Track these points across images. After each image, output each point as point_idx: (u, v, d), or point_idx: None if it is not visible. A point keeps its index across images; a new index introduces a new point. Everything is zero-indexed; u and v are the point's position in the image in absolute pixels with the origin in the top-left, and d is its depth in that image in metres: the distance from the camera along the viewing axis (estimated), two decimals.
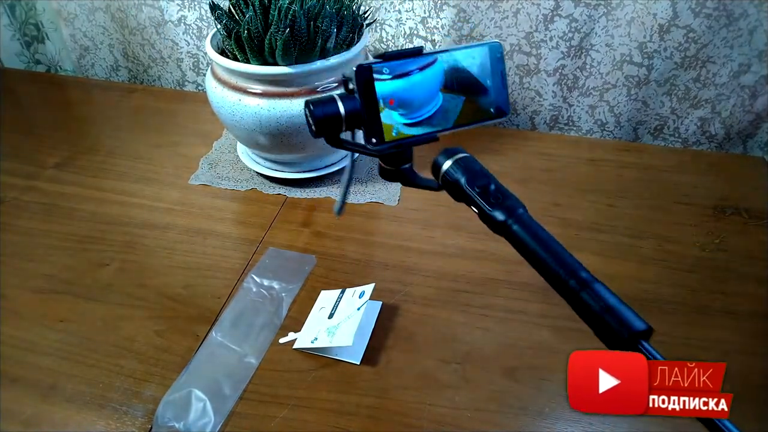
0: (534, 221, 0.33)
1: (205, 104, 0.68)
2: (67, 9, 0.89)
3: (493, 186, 0.33)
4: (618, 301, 0.30)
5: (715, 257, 0.61)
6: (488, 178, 0.34)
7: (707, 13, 0.69)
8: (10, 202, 0.67)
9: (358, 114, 0.35)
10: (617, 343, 0.29)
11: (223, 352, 0.49)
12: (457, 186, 0.34)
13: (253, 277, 0.56)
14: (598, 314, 0.30)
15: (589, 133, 0.84)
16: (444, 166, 0.35)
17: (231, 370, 0.48)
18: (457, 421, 0.45)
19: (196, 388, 0.46)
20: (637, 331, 0.29)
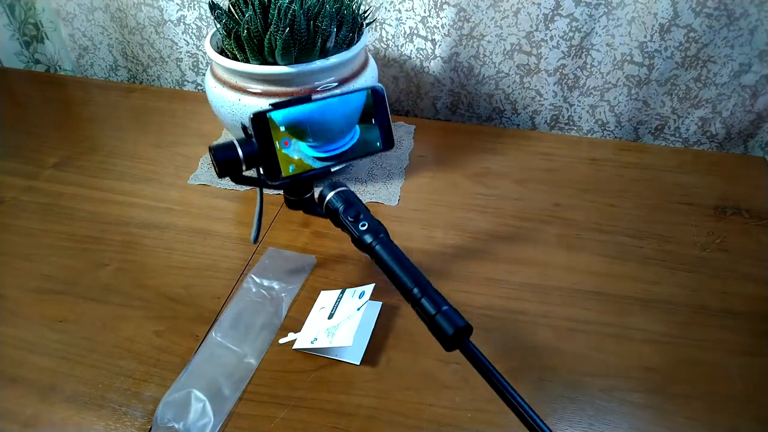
0: (392, 243, 0.39)
1: (205, 104, 0.68)
2: (66, 9, 0.89)
3: (362, 215, 0.40)
4: (450, 307, 0.36)
5: (715, 257, 0.61)
6: (359, 209, 0.41)
7: (708, 12, 0.69)
8: (10, 202, 0.66)
9: (256, 155, 0.41)
10: (446, 340, 0.35)
11: (223, 352, 0.49)
12: (336, 214, 0.41)
13: (252, 277, 0.56)
14: (432, 316, 0.35)
15: (590, 132, 0.84)
16: (327, 197, 0.42)
17: (231, 370, 0.48)
18: (457, 421, 0.45)
19: (196, 388, 0.46)
20: (460, 327, 0.35)
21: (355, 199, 0.42)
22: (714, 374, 0.49)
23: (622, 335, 0.52)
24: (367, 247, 0.39)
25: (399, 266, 0.38)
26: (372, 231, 0.39)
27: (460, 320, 0.35)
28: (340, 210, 0.41)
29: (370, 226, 0.40)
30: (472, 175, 0.72)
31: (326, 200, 0.42)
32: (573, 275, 0.58)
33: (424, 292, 0.36)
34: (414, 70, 0.83)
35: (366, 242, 0.39)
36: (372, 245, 0.39)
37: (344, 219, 0.40)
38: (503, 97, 0.83)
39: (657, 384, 0.48)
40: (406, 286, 0.37)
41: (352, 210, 0.41)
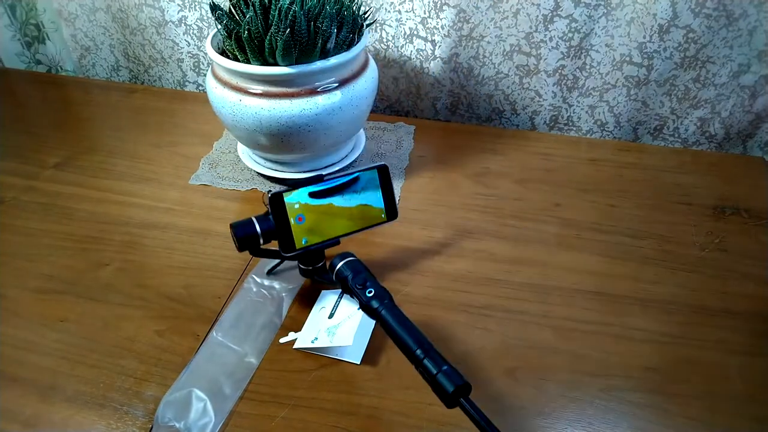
0: (396, 308, 0.43)
1: (206, 104, 0.68)
2: (67, 9, 0.89)
3: (369, 283, 0.44)
4: (450, 367, 0.38)
5: (715, 257, 0.61)
6: (366, 277, 0.45)
7: (707, 13, 0.69)
8: (10, 202, 0.67)
9: (273, 231, 0.47)
10: (446, 397, 0.37)
11: (224, 351, 0.49)
12: (346, 282, 0.45)
13: (253, 277, 0.56)
14: (434, 375, 0.38)
15: (589, 133, 0.84)
16: (337, 266, 0.46)
17: (231, 369, 0.48)
18: (457, 421, 0.45)
19: (197, 387, 0.46)
20: (459, 385, 0.37)
21: (362, 267, 0.46)
22: (714, 374, 0.49)
23: (622, 335, 0.52)
24: (373, 311, 0.43)
25: (403, 329, 0.41)
26: (378, 297, 0.43)
27: (458, 379, 0.37)
28: (349, 278, 0.45)
29: (376, 292, 0.43)
30: (472, 175, 0.73)
31: (336, 269, 0.46)
32: (573, 275, 0.58)
33: (427, 353, 0.39)
34: (414, 70, 0.83)
35: (373, 307, 0.42)
36: (378, 310, 0.42)
37: (353, 286, 0.44)
38: (503, 97, 0.83)
39: (657, 384, 0.48)
40: (410, 348, 0.39)
41: (360, 278, 0.45)
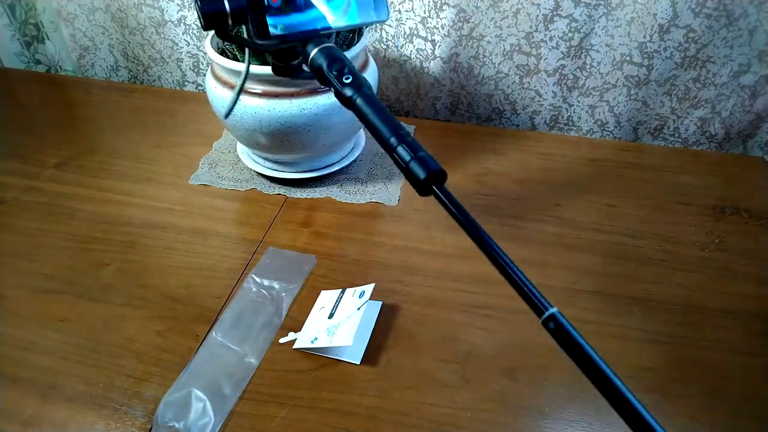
0: (375, 98, 0.38)
1: (205, 104, 0.68)
2: (67, 9, 0.89)
3: (347, 69, 0.39)
4: (426, 153, 0.35)
5: (715, 257, 0.61)
6: (344, 63, 0.39)
7: (707, 13, 0.69)
8: (11, 202, 0.67)
9: (243, 11, 0.39)
10: (419, 184, 0.34)
11: (224, 352, 0.49)
12: (320, 70, 0.39)
13: (253, 277, 0.56)
14: (407, 163, 0.35)
15: (589, 133, 0.84)
16: (311, 53, 0.40)
17: (231, 370, 0.48)
18: (457, 421, 0.45)
19: (197, 388, 0.46)
20: (434, 171, 0.34)
21: (340, 54, 0.40)
22: (714, 374, 0.49)
23: (622, 335, 0.52)
24: (347, 100, 0.38)
25: (379, 117, 0.36)
26: (354, 85, 0.38)
27: (434, 164, 0.34)
28: (324, 66, 0.39)
29: (354, 80, 0.38)
30: (472, 175, 0.73)
31: (310, 57, 0.41)
32: (573, 275, 0.58)
33: (401, 140, 0.35)
34: (414, 70, 0.83)
35: (346, 95, 0.38)
36: (353, 98, 0.38)
37: (328, 74, 0.39)
38: (503, 97, 0.83)
39: (656, 384, 0.48)
40: (383, 136, 0.36)
41: (337, 64, 0.39)
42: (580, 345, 0.29)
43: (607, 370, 0.28)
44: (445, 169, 0.35)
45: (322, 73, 0.40)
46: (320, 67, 0.39)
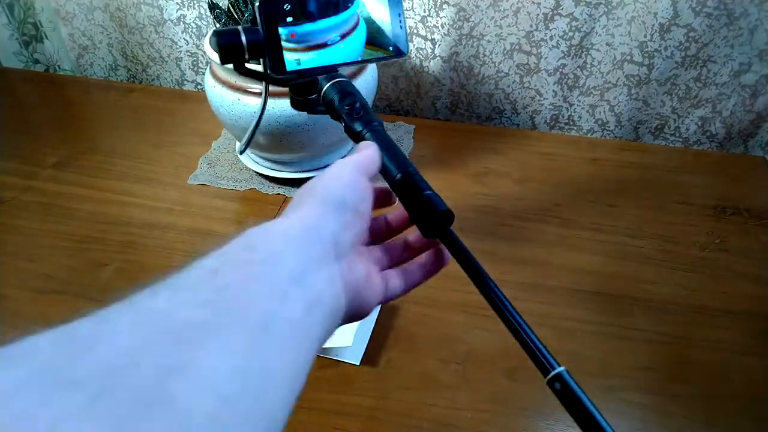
0: (384, 133, 0.37)
1: (204, 103, 0.67)
2: (65, 8, 0.89)
3: (358, 104, 0.38)
4: (433, 192, 0.34)
5: (715, 257, 0.61)
6: (356, 98, 0.39)
7: (708, 12, 0.69)
8: (10, 202, 0.66)
9: (260, 45, 0.39)
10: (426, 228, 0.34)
11: None
12: (332, 104, 0.39)
13: None
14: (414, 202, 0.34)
15: (590, 132, 0.84)
16: (324, 88, 0.40)
17: None
18: (457, 421, 0.45)
19: None
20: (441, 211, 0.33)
21: (352, 89, 0.40)
22: (714, 374, 0.49)
23: (622, 335, 0.52)
24: (356, 135, 0.37)
25: (386, 153, 0.35)
26: (364, 120, 0.37)
27: (442, 205, 0.34)
28: (336, 100, 0.39)
29: (364, 115, 0.38)
30: (472, 175, 0.72)
31: (323, 91, 0.40)
32: (573, 275, 0.58)
33: (410, 177, 0.34)
34: (414, 69, 0.83)
35: (356, 130, 0.37)
36: (362, 133, 0.37)
37: (339, 108, 0.39)
38: (503, 96, 0.83)
39: (657, 384, 0.48)
40: (391, 173, 0.35)
41: (348, 99, 0.39)
42: (588, 410, 0.26)
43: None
44: (453, 211, 0.34)
45: (333, 108, 0.39)
46: (332, 101, 0.39)
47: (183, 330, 0.17)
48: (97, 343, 0.16)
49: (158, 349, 0.16)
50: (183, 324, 0.18)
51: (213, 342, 0.17)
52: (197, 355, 0.17)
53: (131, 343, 0.16)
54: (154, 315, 0.18)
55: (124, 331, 0.17)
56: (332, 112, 0.40)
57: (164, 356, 0.16)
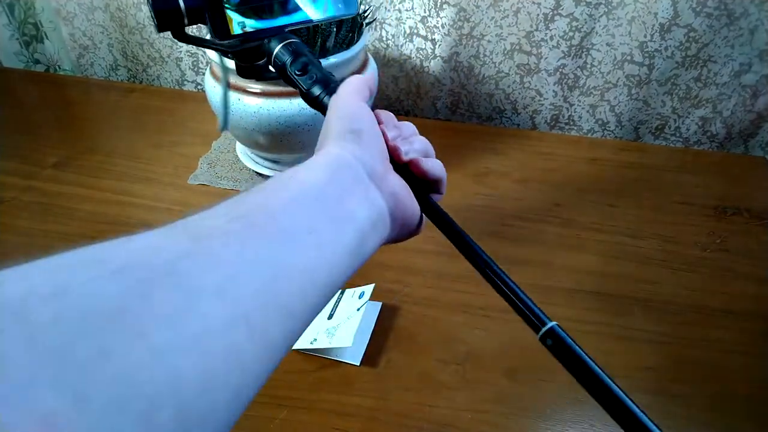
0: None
1: (205, 104, 0.67)
2: (66, 8, 0.89)
3: (311, 67, 0.36)
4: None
5: (716, 257, 0.61)
6: (309, 60, 0.36)
7: (708, 12, 0.69)
8: (10, 202, 0.66)
9: (200, 8, 0.36)
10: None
11: None
12: (284, 69, 0.36)
13: None
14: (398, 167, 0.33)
15: (590, 132, 0.84)
16: (274, 51, 0.37)
17: None
18: (458, 422, 0.45)
19: None
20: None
21: (305, 50, 0.37)
22: (715, 374, 0.49)
23: (622, 335, 0.52)
24: (314, 100, 0.35)
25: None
26: (321, 82, 0.35)
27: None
28: (288, 63, 0.36)
29: (319, 77, 0.35)
30: (472, 175, 0.72)
31: (273, 55, 0.37)
32: (573, 275, 0.58)
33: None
34: (414, 69, 0.83)
35: (313, 95, 0.35)
36: (320, 98, 0.35)
37: (291, 73, 0.36)
38: (503, 96, 0.83)
39: (657, 384, 0.48)
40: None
41: (299, 63, 0.36)
42: (584, 361, 0.26)
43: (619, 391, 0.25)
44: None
45: (285, 73, 0.36)
46: (284, 65, 0.36)
47: (203, 230, 0.20)
48: (131, 240, 0.19)
49: (177, 244, 0.19)
50: (206, 227, 0.21)
51: (223, 237, 0.20)
52: (209, 245, 0.19)
53: (155, 241, 0.19)
54: (174, 225, 0.21)
55: (151, 235, 0.20)
56: (285, 77, 0.37)
57: (181, 246, 0.19)
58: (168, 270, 0.18)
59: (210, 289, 0.18)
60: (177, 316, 0.17)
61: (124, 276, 0.17)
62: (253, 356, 0.19)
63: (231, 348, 0.18)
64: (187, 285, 0.18)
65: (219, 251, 0.19)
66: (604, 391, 0.25)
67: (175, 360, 0.16)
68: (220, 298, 0.18)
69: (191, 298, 0.17)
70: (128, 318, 0.16)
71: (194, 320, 0.17)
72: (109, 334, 0.15)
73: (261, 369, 0.20)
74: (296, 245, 0.22)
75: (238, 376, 0.18)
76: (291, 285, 0.21)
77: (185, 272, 0.18)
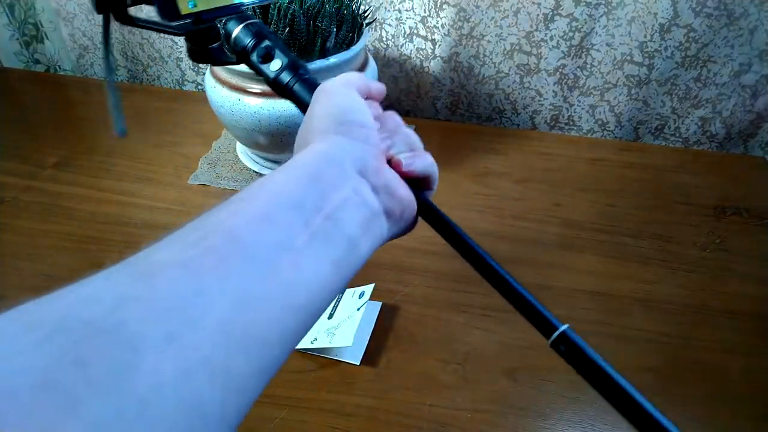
0: (313, 79, 0.32)
1: (205, 104, 0.67)
2: (66, 8, 0.89)
3: (276, 51, 0.32)
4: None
5: (715, 257, 0.61)
6: (272, 45, 0.33)
7: (708, 12, 0.69)
8: (10, 202, 0.66)
9: None
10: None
11: None
12: (245, 53, 0.33)
13: None
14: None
15: (590, 132, 0.84)
16: (234, 32, 0.33)
17: None
18: (457, 421, 0.45)
19: None
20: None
21: (267, 32, 0.33)
22: (714, 375, 0.49)
23: (622, 335, 0.52)
24: (283, 88, 0.32)
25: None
26: (289, 68, 0.32)
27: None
28: (249, 47, 0.32)
29: (285, 63, 0.32)
30: (472, 175, 0.72)
31: (233, 37, 0.33)
32: (573, 275, 0.58)
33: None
34: (414, 70, 0.83)
35: (283, 83, 0.32)
36: (289, 85, 0.32)
37: (254, 60, 0.33)
38: (503, 97, 0.83)
39: (657, 384, 0.48)
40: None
41: (262, 47, 0.32)
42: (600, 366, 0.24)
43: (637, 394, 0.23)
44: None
45: (247, 58, 0.33)
46: (245, 49, 0.33)
47: (150, 266, 0.18)
48: (67, 292, 0.17)
49: (118, 289, 0.17)
50: (154, 262, 0.18)
51: (173, 271, 0.17)
52: (154, 283, 0.17)
53: (96, 288, 0.17)
54: (124, 264, 0.18)
55: (95, 279, 0.17)
56: (246, 62, 0.33)
57: (122, 290, 0.17)
58: (108, 324, 0.15)
59: (157, 338, 0.15)
60: (117, 381, 0.14)
61: (54, 342, 0.14)
62: (221, 402, 0.16)
63: (189, 401, 0.15)
64: (129, 339, 0.15)
65: (167, 290, 0.17)
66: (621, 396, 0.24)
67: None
68: (171, 345, 0.15)
69: (135, 354, 0.15)
70: (59, 392, 0.13)
71: (139, 380, 0.14)
72: (37, 414, 0.13)
73: (232, 411, 0.17)
74: (265, 268, 0.19)
75: (201, 428, 0.16)
76: (261, 314, 0.18)
77: (127, 323, 0.15)
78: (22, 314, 0.15)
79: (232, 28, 0.33)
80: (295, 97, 0.32)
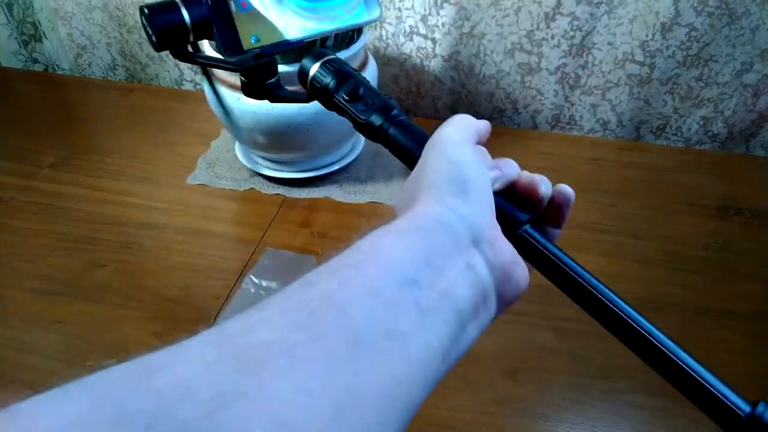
0: (409, 122, 0.30)
1: (203, 103, 0.67)
2: (64, 8, 0.89)
3: (362, 90, 0.30)
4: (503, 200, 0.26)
5: (717, 257, 0.60)
6: (357, 82, 0.30)
7: (709, 11, 0.69)
8: (8, 202, 0.66)
9: (207, 21, 0.31)
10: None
11: None
12: (327, 93, 0.30)
13: (251, 278, 0.56)
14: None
15: (591, 132, 0.83)
16: (311, 70, 0.30)
17: None
18: (458, 423, 0.44)
19: None
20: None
21: (348, 69, 0.31)
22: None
23: None
24: (375, 131, 0.29)
25: (420, 146, 0.28)
26: (379, 109, 0.29)
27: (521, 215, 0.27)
28: (331, 87, 0.30)
29: (376, 102, 0.29)
30: None
31: (310, 77, 0.30)
32: None
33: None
34: (414, 69, 0.83)
35: (375, 125, 0.29)
36: (383, 128, 0.29)
37: (339, 99, 0.30)
38: (504, 96, 0.83)
39: (658, 385, 0.47)
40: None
41: (349, 85, 0.29)
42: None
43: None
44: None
45: (329, 98, 0.30)
46: (326, 88, 0.30)
47: (254, 353, 0.16)
48: (159, 371, 0.15)
49: (220, 380, 0.15)
50: (257, 346, 0.16)
51: (283, 361, 0.16)
52: (261, 376, 0.15)
53: (196, 373, 0.15)
54: (226, 337, 0.16)
55: (193, 357, 0.16)
56: (327, 102, 0.31)
57: (225, 384, 0.15)
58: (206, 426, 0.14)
59: None
60: None
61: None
62: None
63: None
64: None
65: (275, 386, 0.15)
66: None
67: None
68: None
69: None
70: None
71: None
72: None
73: None
74: (374, 360, 0.17)
75: None
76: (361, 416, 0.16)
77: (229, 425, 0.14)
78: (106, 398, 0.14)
79: (308, 66, 0.31)
80: (390, 142, 0.30)
